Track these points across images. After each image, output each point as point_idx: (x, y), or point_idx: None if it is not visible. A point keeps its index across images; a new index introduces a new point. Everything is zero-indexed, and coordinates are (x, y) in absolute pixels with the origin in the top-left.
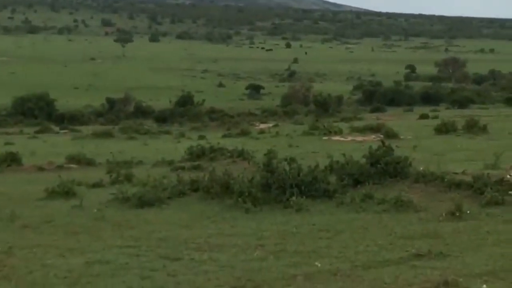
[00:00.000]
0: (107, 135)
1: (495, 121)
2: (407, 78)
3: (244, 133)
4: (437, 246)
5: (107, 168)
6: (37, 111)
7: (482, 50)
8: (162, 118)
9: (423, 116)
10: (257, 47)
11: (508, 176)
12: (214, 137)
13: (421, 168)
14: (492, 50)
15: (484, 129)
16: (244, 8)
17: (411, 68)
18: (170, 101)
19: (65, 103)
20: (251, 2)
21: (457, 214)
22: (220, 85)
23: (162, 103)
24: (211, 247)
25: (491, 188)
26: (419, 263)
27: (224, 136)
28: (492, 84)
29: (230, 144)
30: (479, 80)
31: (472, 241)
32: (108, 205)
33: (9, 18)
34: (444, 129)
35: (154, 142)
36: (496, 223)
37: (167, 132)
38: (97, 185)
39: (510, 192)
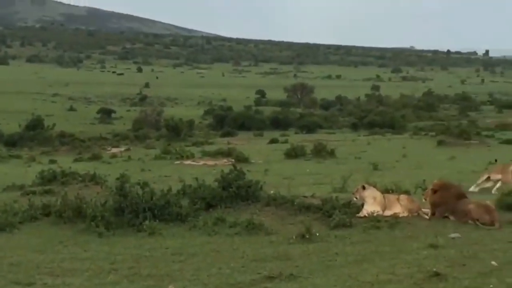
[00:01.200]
0: None
1: (342, 146)
2: (257, 103)
3: (96, 157)
4: (288, 268)
5: None
6: None
7: (329, 76)
8: (12, 142)
9: (273, 141)
10: (108, 71)
11: (355, 199)
12: (65, 161)
13: (272, 192)
14: (338, 76)
15: (331, 153)
16: (94, 32)
17: (261, 93)
18: (19, 125)
19: None
20: (101, 26)
21: (307, 237)
22: (71, 109)
23: (11, 126)
24: (64, 271)
25: (339, 211)
26: (270, 285)
27: (76, 160)
28: (339, 109)
29: (81, 168)
30: (326, 105)
31: (321, 263)
32: None
33: None
34: (294, 153)
35: (3, 167)
36: (344, 245)
37: (17, 156)
38: None
39: (357, 215)
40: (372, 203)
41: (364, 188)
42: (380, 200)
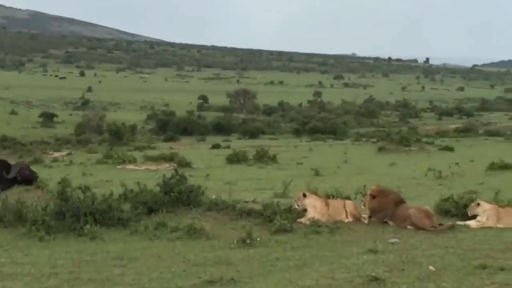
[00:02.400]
0: None
1: (284, 151)
2: (200, 108)
3: (37, 162)
4: (229, 272)
5: None
6: None
7: (271, 82)
8: None
9: (216, 146)
10: (51, 75)
11: (297, 206)
12: None
13: (214, 197)
14: (281, 82)
15: (273, 159)
16: (37, 36)
17: (204, 98)
18: None
19: None
20: (44, 29)
21: (248, 242)
22: (13, 112)
23: None
24: (3, 276)
25: (280, 216)
26: None
27: None
28: (281, 115)
29: None
30: (269, 111)
31: (262, 268)
32: None
33: None
34: (236, 158)
35: None
36: (285, 250)
37: None
38: None
39: (298, 220)
40: (312, 212)
41: (305, 196)
42: (321, 209)
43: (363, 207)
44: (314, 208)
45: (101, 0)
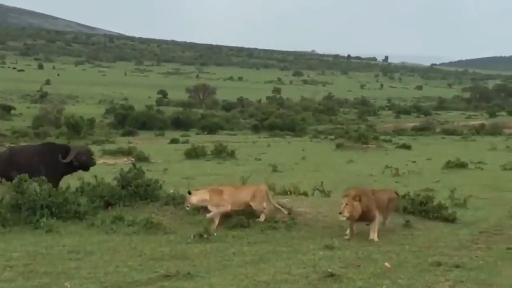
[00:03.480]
0: None
1: (243, 147)
2: (159, 103)
3: None
4: (185, 267)
5: None
6: None
7: (231, 78)
8: None
9: (174, 141)
10: (9, 67)
11: (187, 208)
12: None
13: (171, 191)
14: (240, 78)
15: (232, 154)
16: None
17: (163, 93)
18: None
19: None
20: (2, 21)
21: (205, 236)
22: None
23: None
24: None
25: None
26: (167, 283)
27: None
28: (240, 111)
29: None
30: (228, 107)
31: (219, 262)
32: None
33: None
34: (194, 153)
35: None
36: (242, 245)
37: None
38: None
39: (258, 220)
40: (211, 207)
41: (189, 193)
42: (214, 200)
43: (344, 218)
44: (206, 201)
45: None
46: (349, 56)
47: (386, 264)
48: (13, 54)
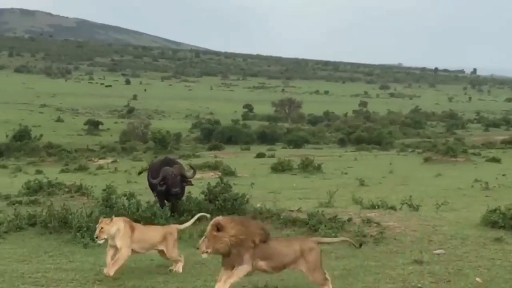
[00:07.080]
0: None
1: (329, 161)
2: (245, 117)
3: (82, 169)
4: (273, 281)
5: None
6: None
7: (317, 92)
8: None
9: (260, 155)
10: (97, 83)
11: (100, 241)
12: (52, 172)
13: (258, 205)
14: (326, 92)
15: (318, 168)
16: (83, 44)
17: (249, 107)
18: (6, 135)
19: None
20: (90, 37)
21: None
22: (59, 120)
23: None
24: (48, 281)
25: (325, 226)
26: None
27: (62, 171)
28: (326, 125)
29: (68, 179)
30: (314, 120)
31: (303, 278)
32: None
33: None
34: (280, 167)
35: None
36: (329, 259)
37: (4, 167)
38: None
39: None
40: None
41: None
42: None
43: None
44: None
45: (147, 8)
46: (436, 68)
47: (477, 279)
48: (100, 70)
